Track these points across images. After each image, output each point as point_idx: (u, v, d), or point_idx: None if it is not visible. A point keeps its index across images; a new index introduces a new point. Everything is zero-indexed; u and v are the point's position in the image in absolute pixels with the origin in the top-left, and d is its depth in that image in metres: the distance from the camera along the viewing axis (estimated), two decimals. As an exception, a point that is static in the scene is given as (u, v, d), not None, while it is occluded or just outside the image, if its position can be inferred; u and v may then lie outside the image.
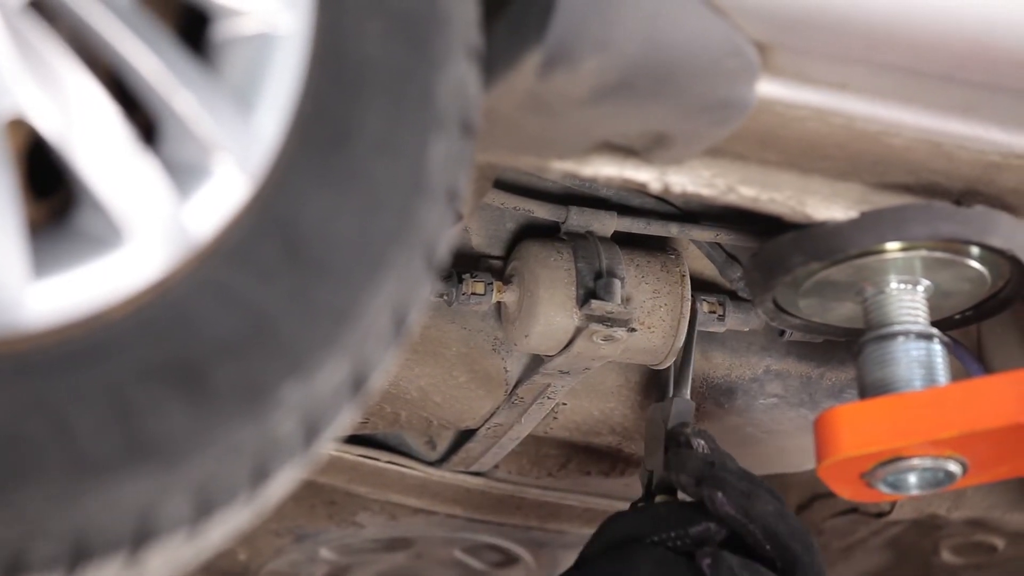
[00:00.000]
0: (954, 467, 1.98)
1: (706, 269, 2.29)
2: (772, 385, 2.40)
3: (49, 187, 1.31)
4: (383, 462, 2.51)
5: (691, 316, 2.21)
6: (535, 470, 2.55)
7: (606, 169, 1.82)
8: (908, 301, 2.02)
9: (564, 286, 2.13)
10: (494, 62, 1.59)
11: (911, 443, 1.94)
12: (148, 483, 1.23)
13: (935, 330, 2.02)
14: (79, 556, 1.20)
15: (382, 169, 1.38)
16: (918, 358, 2.00)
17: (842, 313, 2.12)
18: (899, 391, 1.99)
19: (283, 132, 1.35)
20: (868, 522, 2.72)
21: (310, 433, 1.32)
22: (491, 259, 2.22)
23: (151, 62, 1.29)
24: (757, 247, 2.07)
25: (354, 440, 2.47)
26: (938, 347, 2.01)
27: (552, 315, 2.13)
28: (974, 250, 1.99)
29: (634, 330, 2.15)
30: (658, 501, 2.18)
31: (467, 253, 2.21)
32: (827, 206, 1.93)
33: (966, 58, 1.77)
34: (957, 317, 2.15)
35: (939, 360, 2.01)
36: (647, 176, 1.84)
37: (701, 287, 2.27)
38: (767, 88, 1.74)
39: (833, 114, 1.79)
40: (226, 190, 1.32)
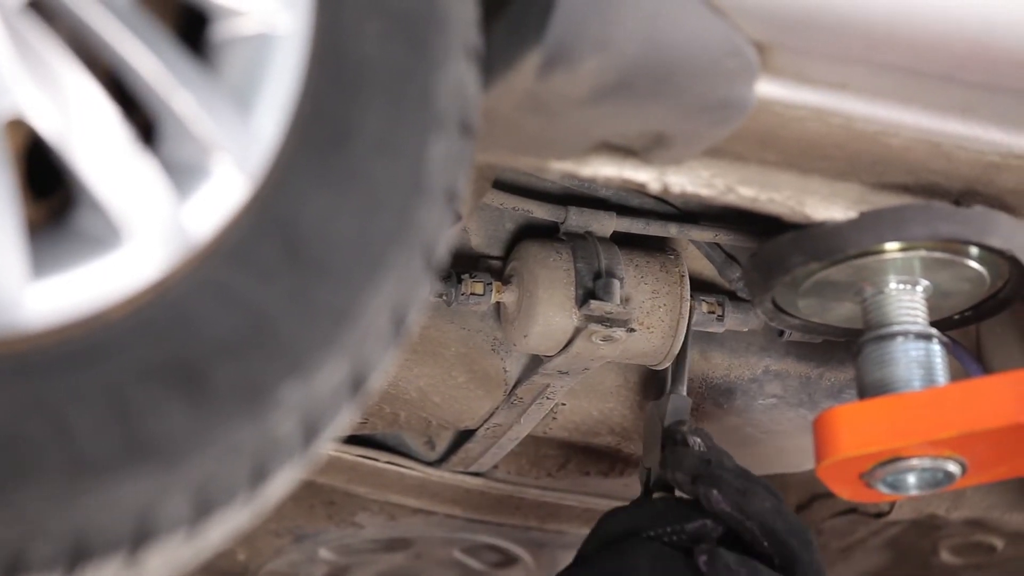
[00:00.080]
0: (953, 467, 1.98)
1: (705, 269, 2.29)
2: (771, 385, 2.40)
3: (48, 187, 1.31)
4: (382, 462, 2.51)
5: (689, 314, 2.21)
6: (534, 470, 2.55)
7: (605, 169, 1.82)
8: (907, 301, 2.02)
9: (563, 286, 2.13)
10: (493, 62, 1.59)
11: (910, 443, 1.94)
12: (147, 483, 1.23)
13: (934, 330, 2.02)
14: (78, 556, 1.20)
15: (381, 169, 1.38)
16: (917, 358, 2.00)
17: (841, 313, 2.12)
18: (898, 391, 1.99)
19: (282, 132, 1.35)
20: (867, 522, 2.72)
21: (309, 433, 1.32)
22: (490, 259, 2.22)
23: (150, 62, 1.29)
24: (756, 247, 2.07)
25: (353, 440, 2.47)
26: (937, 347, 2.01)
27: (551, 315, 2.13)
28: (973, 250, 1.99)
29: (633, 330, 2.15)
30: (655, 498, 2.18)
31: (466, 253, 2.21)
32: (826, 206, 1.93)
33: (965, 58, 1.77)
34: (956, 317, 2.15)
35: (938, 360, 2.01)
36: (646, 176, 1.84)
37: (700, 287, 2.27)
38: (766, 88, 1.74)
39: (832, 114, 1.79)
40: (225, 190, 1.32)
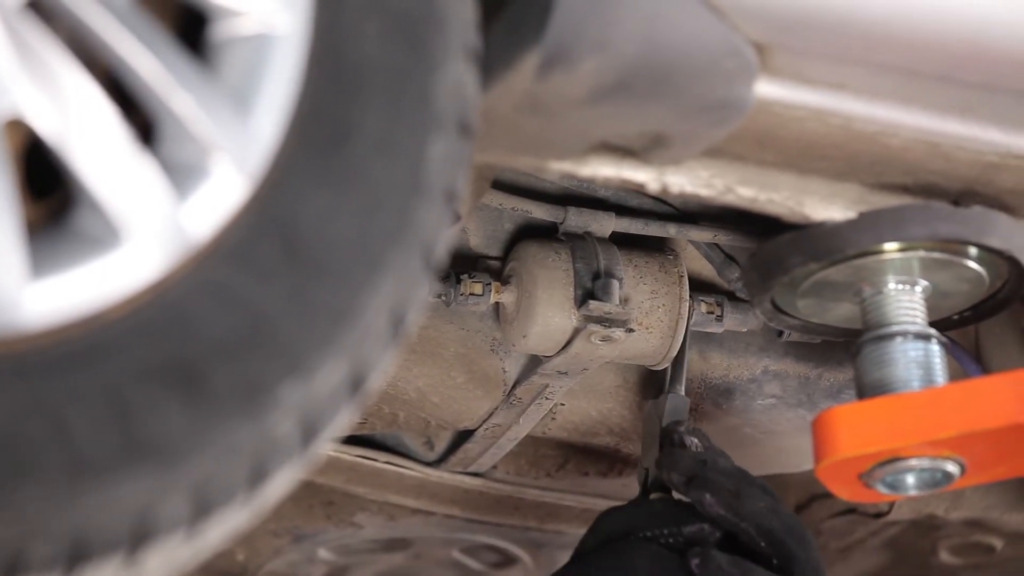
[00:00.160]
0: (952, 468, 1.98)
1: (704, 270, 2.29)
2: (770, 386, 2.40)
3: (47, 187, 1.31)
4: (381, 463, 2.51)
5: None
6: (533, 471, 2.55)
7: (604, 169, 1.82)
8: (906, 301, 2.02)
9: (562, 287, 2.13)
10: (492, 63, 1.58)
11: (909, 443, 1.94)
12: (146, 483, 1.23)
13: (933, 330, 2.02)
14: (77, 556, 1.20)
15: (380, 169, 1.38)
16: (916, 359, 2.00)
17: (840, 314, 2.12)
18: (897, 391, 1.98)
19: (281, 132, 1.35)
20: (866, 522, 2.72)
21: (308, 433, 1.32)
22: (489, 259, 2.22)
23: (149, 63, 1.29)
24: (755, 248, 2.07)
25: (352, 440, 2.47)
26: (936, 348, 2.01)
27: (550, 316, 2.13)
28: (972, 251, 1.99)
29: (632, 331, 2.15)
30: (652, 498, 2.17)
31: (465, 253, 2.21)
32: (825, 206, 1.93)
33: (964, 58, 1.77)
34: (955, 318, 2.14)
35: (937, 361, 2.01)
36: (645, 176, 1.84)
37: (699, 288, 2.27)
38: (765, 88, 1.74)
39: (831, 114, 1.79)
40: (224, 190, 1.32)
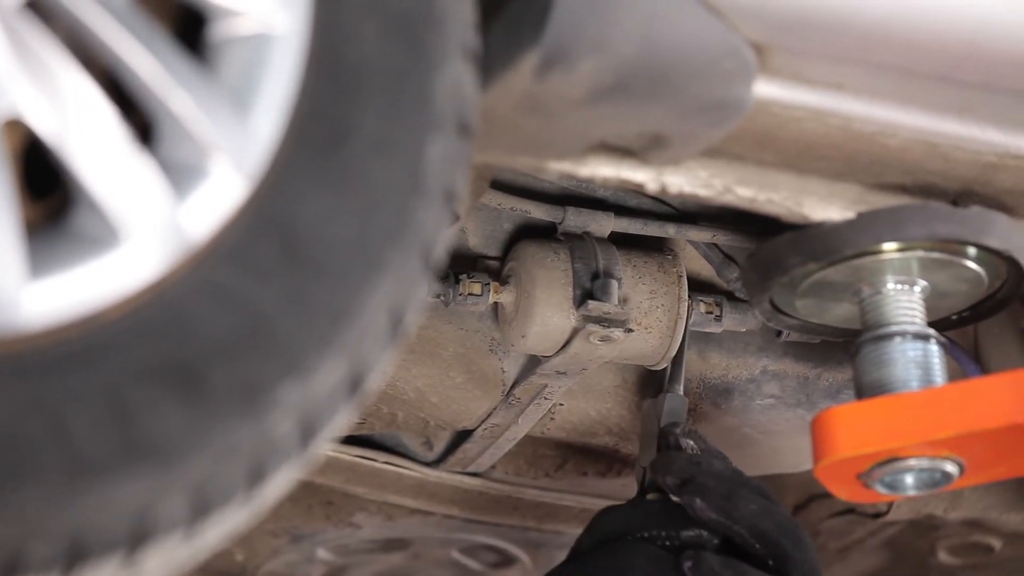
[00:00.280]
0: (951, 468, 1.98)
1: (703, 270, 2.29)
2: (769, 386, 2.40)
3: (46, 188, 1.31)
4: (380, 463, 2.51)
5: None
6: (532, 471, 2.55)
7: (603, 170, 1.82)
8: (905, 302, 2.02)
9: (561, 287, 2.13)
10: (491, 63, 1.59)
11: (908, 444, 1.94)
12: (145, 483, 1.23)
13: (932, 331, 2.02)
14: (76, 556, 1.20)
15: (379, 170, 1.38)
16: (915, 359, 2.00)
17: (839, 314, 2.12)
18: (896, 391, 1.98)
19: (280, 132, 1.35)
20: (865, 523, 2.72)
21: (307, 433, 1.32)
22: (488, 260, 2.22)
23: (148, 63, 1.29)
24: (754, 248, 2.07)
25: (351, 441, 2.47)
26: (935, 348, 2.01)
27: (549, 316, 2.13)
28: (971, 251, 1.99)
29: (631, 331, 2.15)
30: (650, 498, 2.17)
31: (464, 254, 2.21)
32: (824, 207, 1.93)
33: (962, 59, 1.77)
34: (954, 318, 2.15)
35: (936, 361, 2.01)
36: (644, 177, 1.84)
37: (698, 288, 2.27)
38: (764, 89, 1.74)
39: (830, 115, 1.79)
40: (223, 190, 1.32)
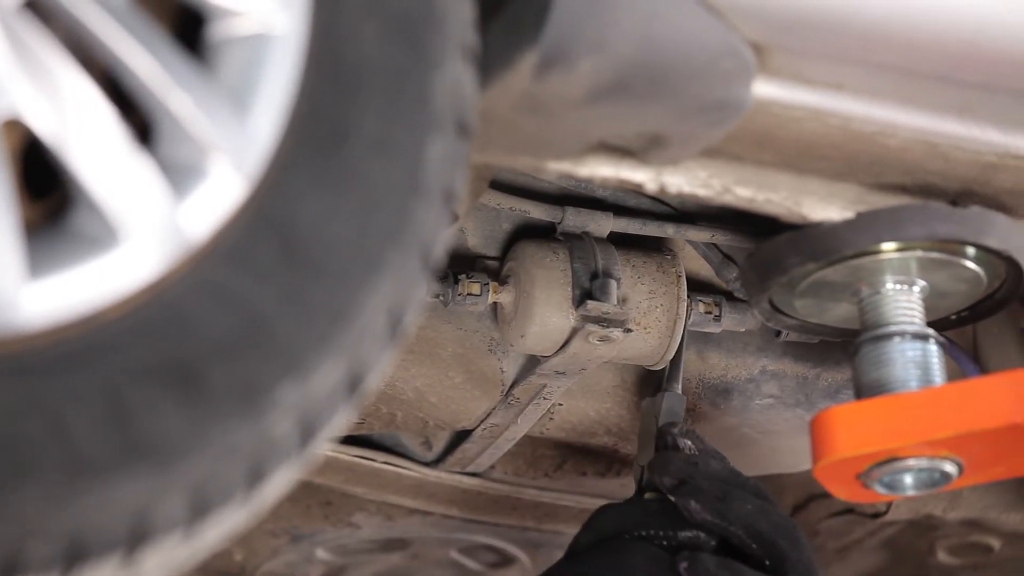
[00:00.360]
0: (950, 468, 1.98)
1: (702, 270, 2.29)
2: (768, 386, 2.40)
3: (45, 188, 1.31)
4: (379, 463, 2.51)
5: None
6: (531, 471, 2.55)
7: (602, 170, 1.82)
8: (904, 302, 2.02)
9: (560, 287, 2.13)
10: (490, 63, 1.58)
11: (907, 444, 1.94)
12: (144, 483, 1.22)
13: (931, 331, 2.02)
14: (75, 556, 1.20)
15: (378, 170, 1.38)
16: (914, 359, 2.00)
17: (838, 314, 2.12)
18: (895, 391, 1.99)
19: (279, 133, 1.35)
20: (864, 523, 2.72)
21: (306, 434, 1.32)
22: (487, 260, 2.22)
23: (147, 63, 1.29)
24: (753, 248, 2.07)
25: (350, 441, 2.47)
26: (934, 348, 2.01)
27: (548, 316, 2.13)
28: (970, 251, 1.99)
29: (630, 331, 2.15)
30: (647, 497, 2.17)
31: (463, 254, 2.21)
32: (823, 207, 1.93)
33: (962, 59, 1.77)
34: (953, 318, 2.15)
35: (935, 361, 2.01)
36: (643, 177, 1.84)
37: (697, 288, 2.27)
38: (763, 89, 1.74)
39: (829, 115, 1.79)
40: (222, 190, 1.32)
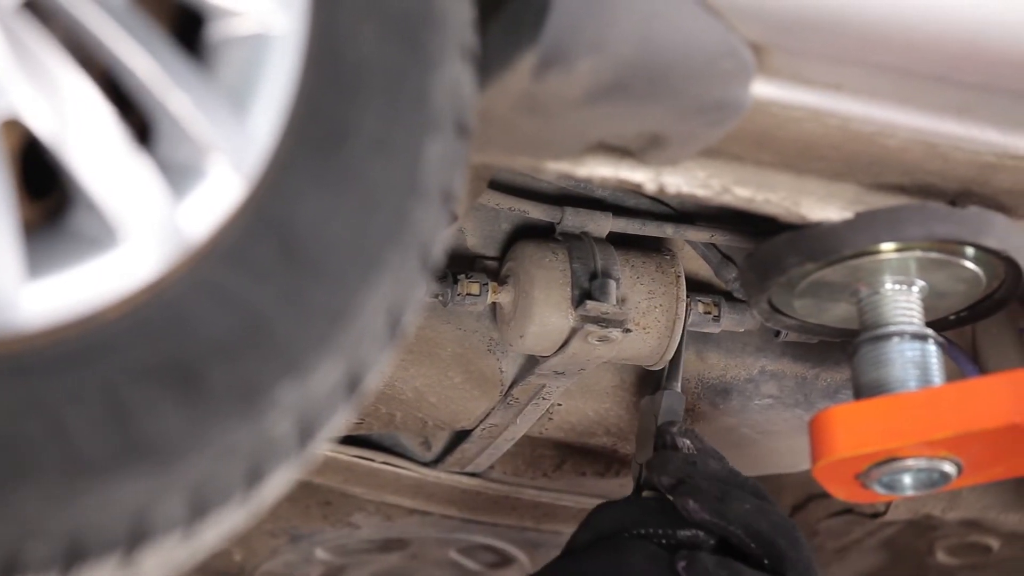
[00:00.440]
0: (949, 468, 1.98)
1: (701, 270, 2.29)
2: (767, 386, 2.40)
3: (44, 188, 1.31)
4: (378, 463, 2.51)
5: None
6: (530, 471, 2.55)
7: (601, 170, 1.82)
8: (903, 302, 2.02)
9: (559, 287, 2.13)
10: (489, 63, 1.59)
11: (906, 444, 1.94)
12: (143, 483, 1.22)
13: (930, 331, 2.02)
14: (74, 556, 1.20)
15: (377, 170, 1.38)
16: (913, 359, 2.00)
17: (837, 314, 2.12)
18: (894, 392, 1.99)
19: (278, 133, 1.35)
20: (863, 523, 2.72)
21: (305, 434, 1.32)
22: (486, 260, 2.22)
23: (146, 63, 1.29)
24: (752, 248, 2.07)
25: (349, 441, 2.47)
26: (933, 348, 2.01)
27: (547, 316, 2.13)
28: (969, 251, 1.99)
29: (629, 331, 2.15)
30: (646, 495, 2.16)
31: (462, 254, 2.21)
32: (822, 207, 1.93)
33: (961, 59, 1.77)
34: (952, 318, 2.15)
35: (934, 361, 2.01)
36: (642, 177, 1.84)
37: (696, 288, 2.27)
38: (763, 89, 1.74)
39: (829, 115, 1.79)
40: (221, 191, 1.32)
